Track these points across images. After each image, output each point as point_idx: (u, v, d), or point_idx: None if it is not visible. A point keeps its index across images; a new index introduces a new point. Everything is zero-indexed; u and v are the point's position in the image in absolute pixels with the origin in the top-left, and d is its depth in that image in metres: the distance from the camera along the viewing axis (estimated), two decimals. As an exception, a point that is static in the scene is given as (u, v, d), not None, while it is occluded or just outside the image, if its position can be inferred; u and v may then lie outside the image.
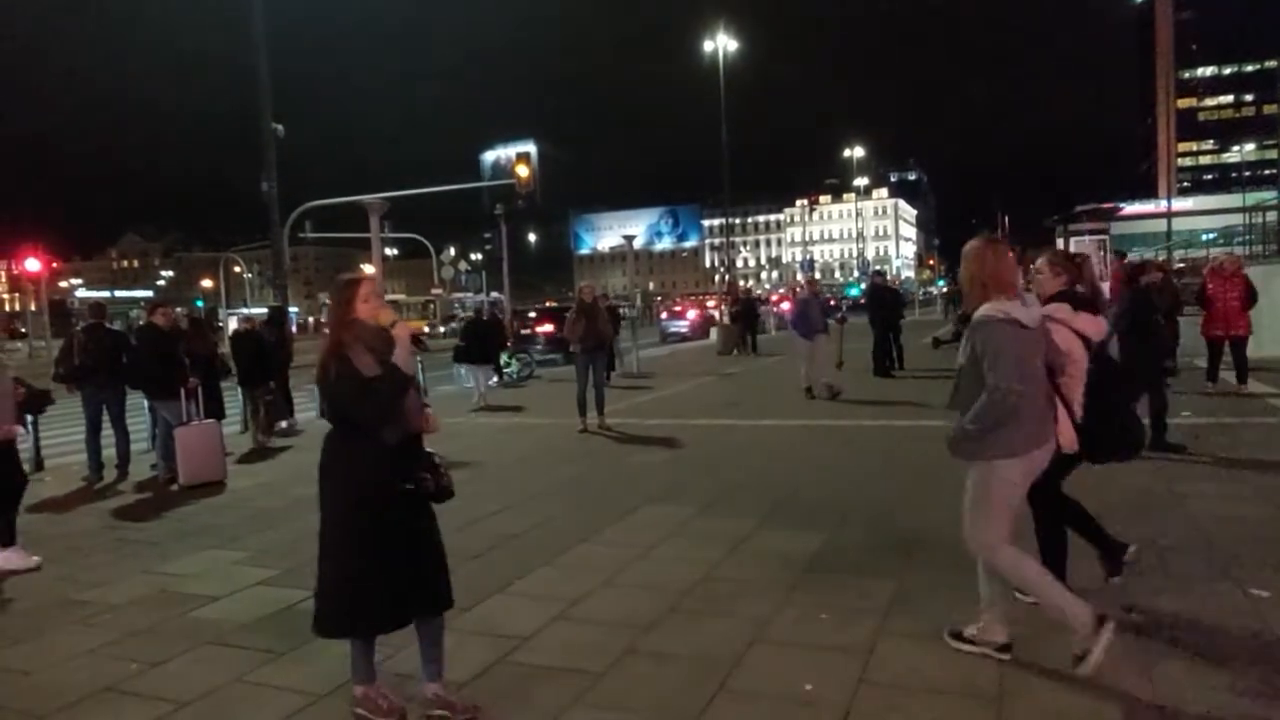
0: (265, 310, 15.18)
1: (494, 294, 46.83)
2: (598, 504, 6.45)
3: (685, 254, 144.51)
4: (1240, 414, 8.61)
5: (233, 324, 28.01)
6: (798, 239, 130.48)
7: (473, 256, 73.66)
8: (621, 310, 21.35)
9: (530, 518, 6.16)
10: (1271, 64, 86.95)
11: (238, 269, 54.28)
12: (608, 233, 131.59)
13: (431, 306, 51.17)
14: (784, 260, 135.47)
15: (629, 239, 23.41)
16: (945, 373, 13.84)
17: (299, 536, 5.55)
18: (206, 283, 75.48)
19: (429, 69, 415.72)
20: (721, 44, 29.33)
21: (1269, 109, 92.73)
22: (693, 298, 58.12)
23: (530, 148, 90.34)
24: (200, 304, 56.47)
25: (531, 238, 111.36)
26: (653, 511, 6.19)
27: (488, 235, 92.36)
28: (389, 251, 77.73)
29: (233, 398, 10.58)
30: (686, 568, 4.84)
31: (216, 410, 9.02)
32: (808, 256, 54.05)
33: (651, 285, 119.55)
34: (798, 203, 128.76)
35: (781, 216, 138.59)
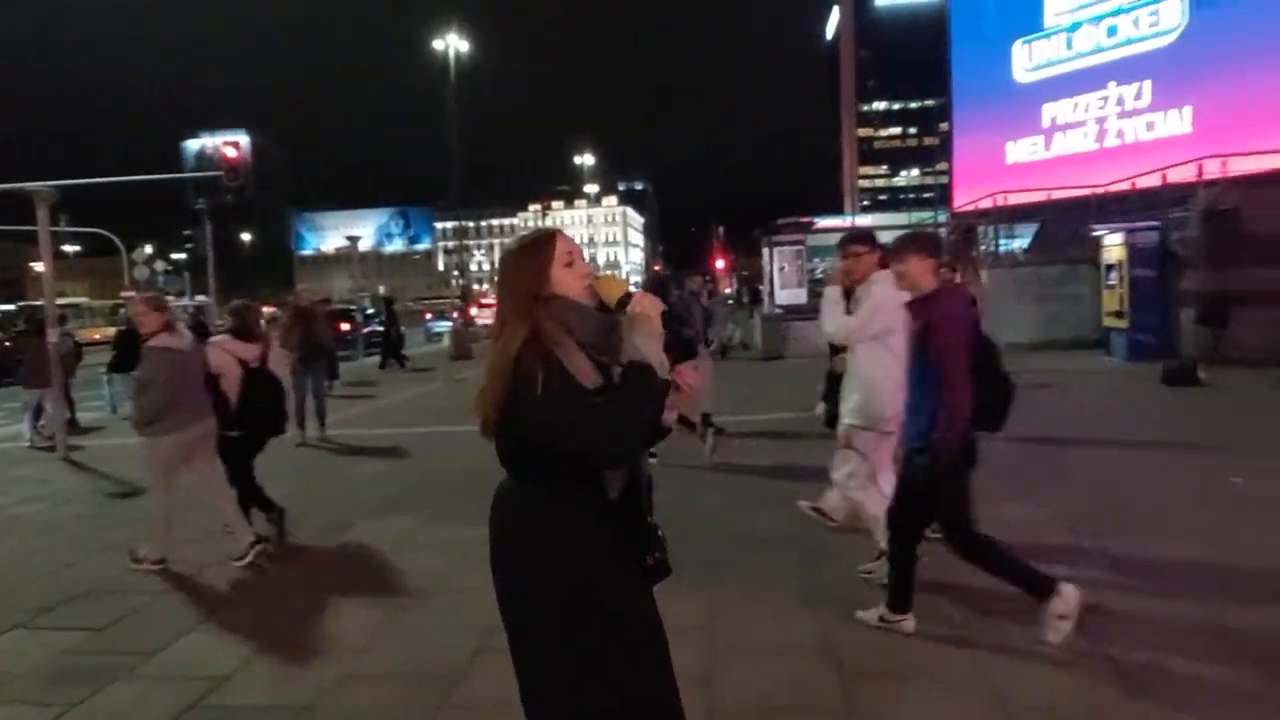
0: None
1: (200, 297, 42.33)
2: (313, 521, 6.04)
3: (418, 256, 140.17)
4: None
5: None
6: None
7: (174, 256, 66.05)
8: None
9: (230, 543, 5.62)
10: (930, 103, 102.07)
11: None
12: (333, 233, 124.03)
13: (122, 311, 45.05)
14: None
15: (353, 240, 22.25)
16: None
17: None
18: None
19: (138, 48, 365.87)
20: (452, 44, 28.86)
21: (929, 141, 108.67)
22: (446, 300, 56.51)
23: (242, 137, 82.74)
24: None
25: (245, 237, 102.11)
26: (374, 525, 5.91)
27: (188, 233, 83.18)
28: (68, 248, 67.47)
29: None
30: (411, 582, 4.67)
31: None
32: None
33: (382, 288, 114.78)
34: (531, 207, 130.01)
35: (515, 221, 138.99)
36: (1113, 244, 13.73)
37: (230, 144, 19.69)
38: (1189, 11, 18.65)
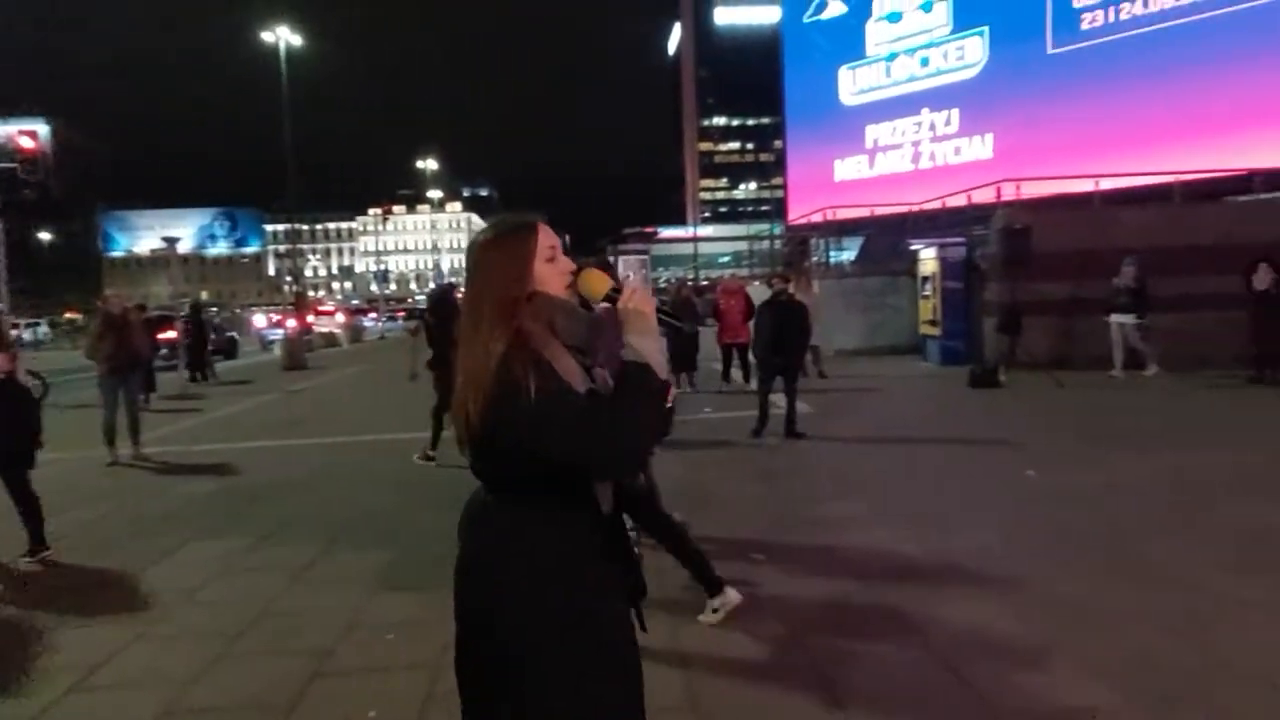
0: None
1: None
2: (130, 548, 5.60)
3: (246, 260, 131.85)
4: (750, 407, 10.39)
5: None
6: (371, 248, 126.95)
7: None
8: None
9: (37, 578, 5.13)
10: (766, 120, 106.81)
11: None
12: (147, 233, 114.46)
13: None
14: (357, 270, 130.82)
15: (171, 241, 20.70)
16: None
17: None
18: None
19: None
20: (283, 37, 27.45)
21: (765, 157, 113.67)
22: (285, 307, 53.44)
23: (41, 126, 74.90)
24: None
25: (44, 236, 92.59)
26: (199, 549, 5.56)
27: (-25, 231, 74.59)
28: None
29: None
30: (238, 607, 4.43)
31: None
32: (381, 266, 52.86)
33: (205, 294, 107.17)
34: (371, 211, 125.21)
35: (354, 225, 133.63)
36: (927, 258, 14.92)
37: (26, 133, 17.85)
38: (989, 49, 20.59)
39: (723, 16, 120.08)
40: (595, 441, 1.59)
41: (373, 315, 45.30)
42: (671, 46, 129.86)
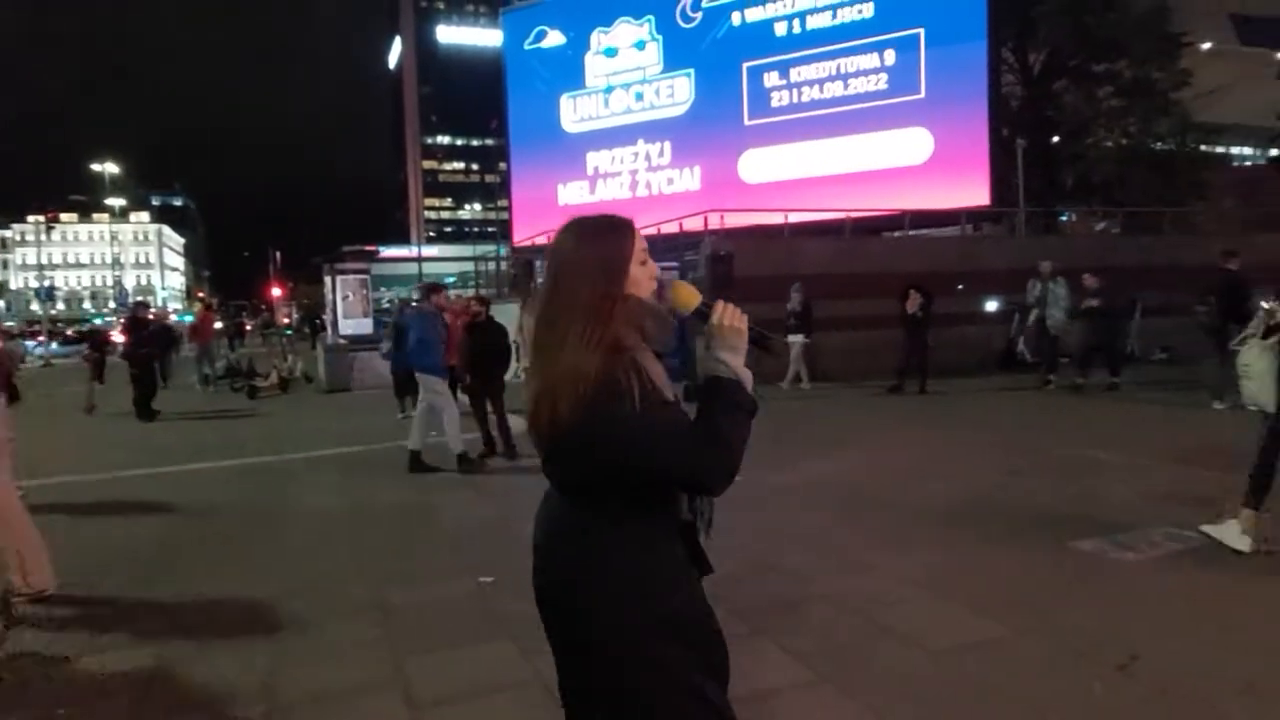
0: None
1: None
2: None
3: None
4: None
5: None
6: (31, 261, 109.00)
7: None
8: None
9: None
10: (490, 141, 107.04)
11: None
12: None
13: None
14: (13, 286, 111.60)
15: None
16: (220, 413, 13.54)
17: None
18: None
19: None
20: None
21: (491, 177, 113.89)
22: None
23: None
24: None
25: None
26: None
27: None
28: None
29: None
30: None
31: None
32: (46, 283, 45.27)
33: None
34: (30, 219, 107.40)
35: (10, 234, 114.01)
36: (643, 281, 15.79)
37: None
38: (695, 90, 22.38)
39: (446, 35, 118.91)
40: (702, 457, 1.57)
41: (38, 339, 38.93)
42: (392, 60, 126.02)
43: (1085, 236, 22.26)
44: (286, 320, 39.41)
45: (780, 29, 21.27)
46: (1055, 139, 23.46)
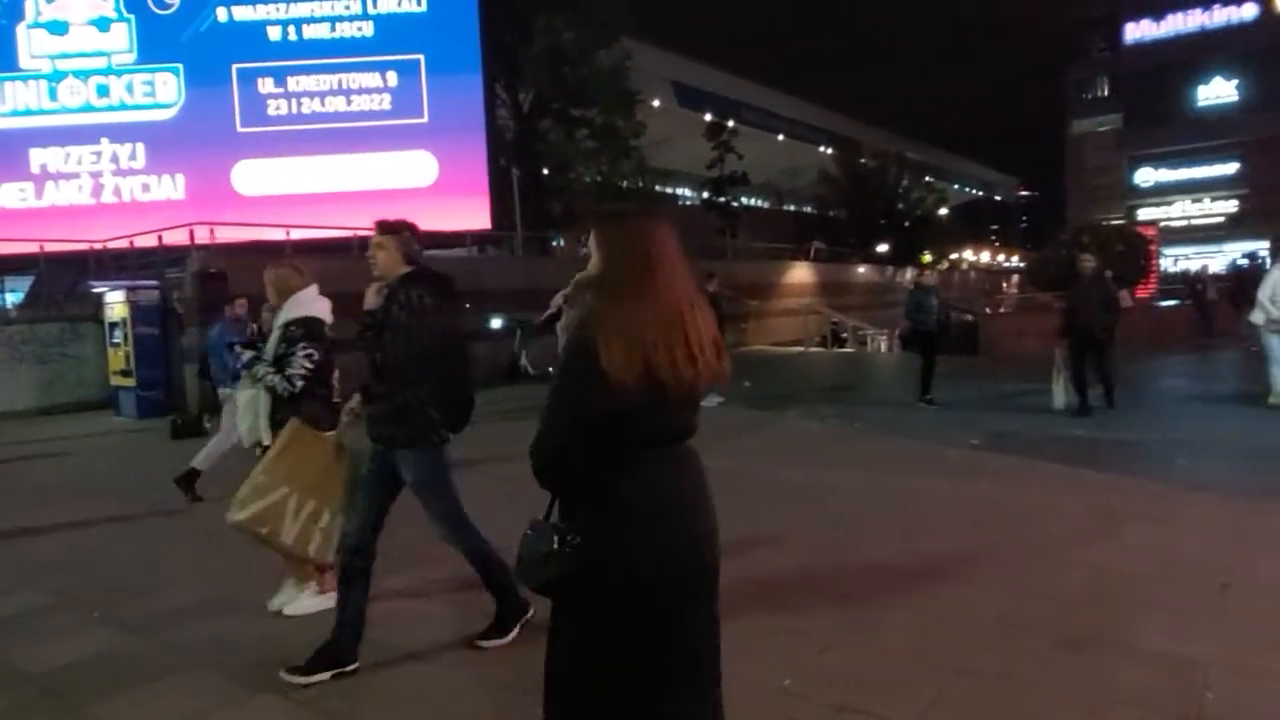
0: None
1: None
2: None
3: None
4: None
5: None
6: None
7: None
8: None
9: None
10: None
11: None
12: None
13: None
14: None
15: None
16: None
17: None
18: None
19: None
20: None
21: None
22: None
23: None
24: None
25: None
26: None
27: None
28: None
29: None
30: None
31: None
32: None
33: None
34: None
35: None
36: (115, 301, 13.58)
37: None
38: (185, 90, 19.93)
39: None
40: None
41: None
42: None
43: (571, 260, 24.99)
44: None
45: (274, 33, 20.10)
46: (545, 171, 25.88)
